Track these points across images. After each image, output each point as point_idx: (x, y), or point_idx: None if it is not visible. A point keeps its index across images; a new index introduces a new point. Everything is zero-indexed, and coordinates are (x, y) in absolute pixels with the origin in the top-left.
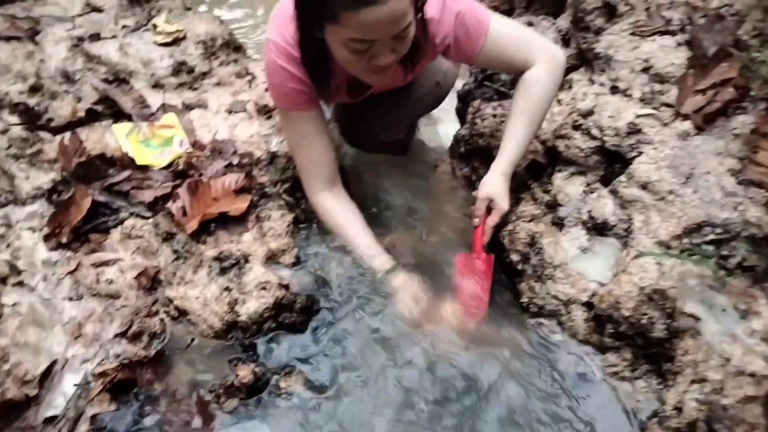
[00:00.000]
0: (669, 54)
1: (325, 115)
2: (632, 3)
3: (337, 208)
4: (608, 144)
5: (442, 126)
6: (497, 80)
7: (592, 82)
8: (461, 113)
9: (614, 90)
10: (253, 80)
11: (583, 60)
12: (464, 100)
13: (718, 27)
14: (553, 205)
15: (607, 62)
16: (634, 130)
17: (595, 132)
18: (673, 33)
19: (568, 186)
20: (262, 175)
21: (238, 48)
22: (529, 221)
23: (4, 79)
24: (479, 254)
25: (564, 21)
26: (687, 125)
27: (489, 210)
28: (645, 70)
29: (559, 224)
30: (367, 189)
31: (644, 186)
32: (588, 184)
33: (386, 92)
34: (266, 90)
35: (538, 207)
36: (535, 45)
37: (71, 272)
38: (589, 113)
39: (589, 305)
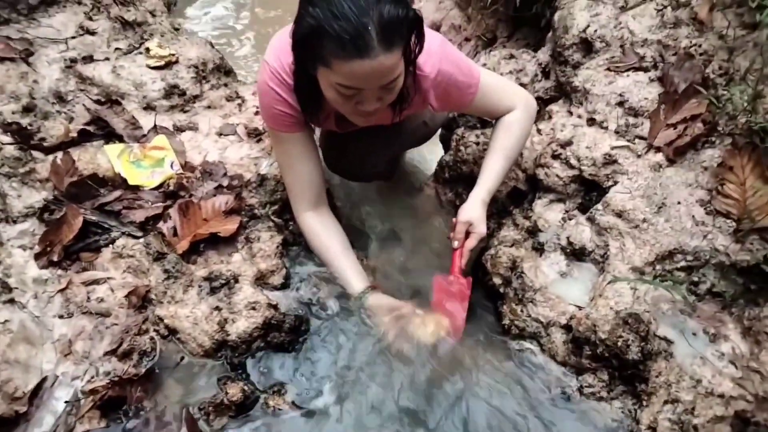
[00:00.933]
0: (642, 89)
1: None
2: (608, 40)
3: (320, 229)
4: (585, 173)
5: (427, 151)
6: None
7: (570, 113)
8: (446, 140)
9: (591, 122)
10: (243, 103)
11: (562, 92)
12: (449, 127)
13: (687, 65)
14: (533, 231)
15: (585, 95)
16: (609, 160)
17: (573, 162)
18: (646, 69)
19: (547, 213)
20: (252, 197)
21: (229, 72)
22: (511, 246)
23: None
24: (457, 276)
25: (543, 54)
26: (659, 157)
27: (467, 234)
28: (620, 103)
29: (539, 249)
30: (352, 210)
31: (619, 214)
32: (566, 211)
33: (373, 127)
34: (256, 113)
35: (519, 232)
36: (515, 94)
37: (62, 290)
38: (567, 143)
39: (567, 328)
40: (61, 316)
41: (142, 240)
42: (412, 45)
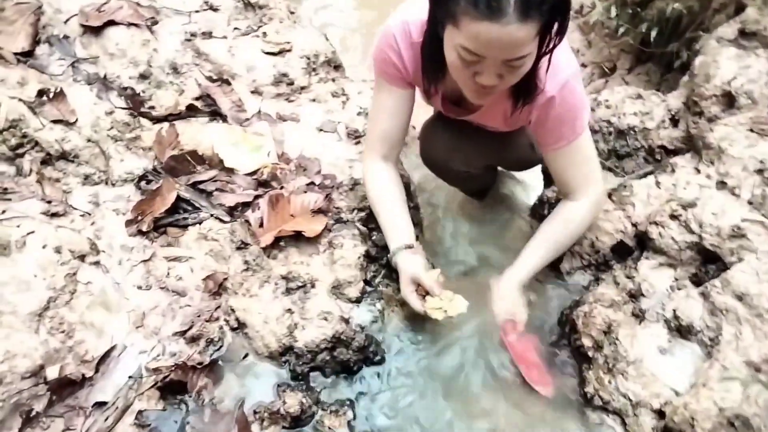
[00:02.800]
0: None
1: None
2: (755, 97)
3: (380, 178)
4: (706, 242)
5: (525, 181)
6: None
7: (697, 171)
8: (547, 171)
9: (721, 185)
10: (347, 101)
11: (691, 146)
12: None
13: None
14: (635, 295)
15: (718, 155)
16: (737, 233)
17: (694, 226)
18: None
19: (654, 277)
20: (341, 200)
21: (338, 66)
22: (608, 307)
23: (119, 62)
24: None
25: (675, 100)
26: None
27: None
28: (759, 171)
29: (639, 316)
30: (442, 230)
31: (740, 297)
32: (676, 279)
33: (478, 127)
34: (359, 113)
35: (619, 293)
36: (594, 182)
37: (145, 261)
38: (690, 205)
39: (659, 413)
40: (139, 287)
41: (228, 225)
42: (552, 32)
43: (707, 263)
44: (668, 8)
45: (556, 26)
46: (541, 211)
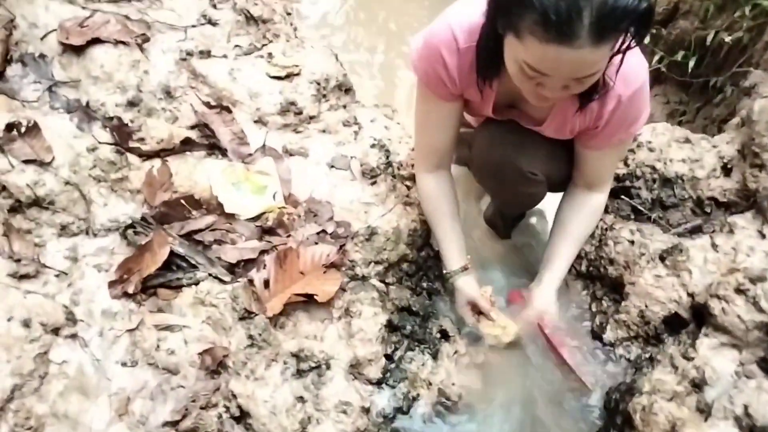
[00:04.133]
0: None
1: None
2: None
3: (435, 192)
4: None
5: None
6: (636, 195)
7: (762, 236)
8: None
9: None
10: (359, 131)
11: (750, 202)
12: None
13: None
14: (698, 384)
15: None
16: None
17: (764, 305)
18: None
19: (716, 359)
20: (356, 251)
21: (349, 90)
22: (670, 400)
23: (104, 87)
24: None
25: (728, 147)
26: None
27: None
28: None
29: (704, 411)
30: None
31: None
32: (742, 364)
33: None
34: (372, 146)
35: (680, 381)
36: (610, 179)
37: (131, 330)
38: (760, 279)
39: None
40: (124, 364)
41: (229, 288)
42: (630, 34)
43: None
44: (710, 37)
45: (633, 31)
46: (576, 266)
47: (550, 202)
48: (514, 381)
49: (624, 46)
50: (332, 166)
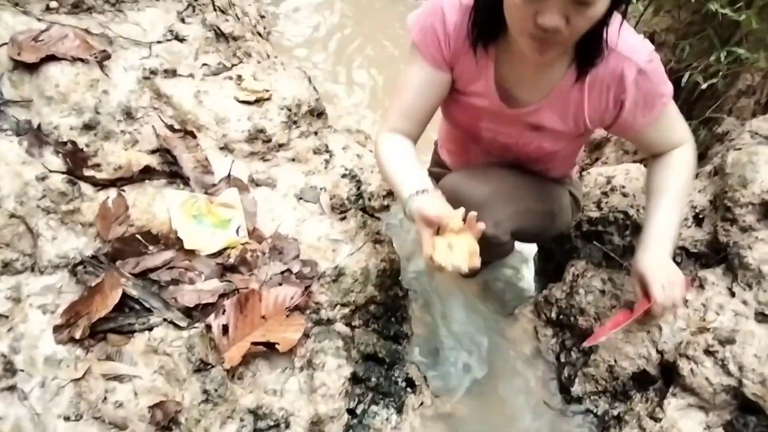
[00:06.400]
0: None
1: None
2: None
3: (396, 143)
4: (747, 390)
5: (518, 262)
6: (608, 241)
7: (731, 293)
8: (548, 257)
9: (761, 318)
10: (330, 159)
11: (720, 257)
12: (559, 244)
13: None
14: None
15: (758, 279)
16: None
17: (732, 368)
18: None
19: (683, 422)
20: (322, 293)
21: (321, 114)
22: None
23: (59, 108)
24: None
25: (700, 196)
26: None
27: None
28: None
29: None
30: (433, 323)
31: None
32: (708, 427)
33: (515, 167)
34: (343, 176)
35: None
36: (684, 123)
37: (76, 380)
38: (728, 341)
39: None
40: (67, 418)
41: (185, 335)
42: None
43: (744, 413)
44: (684, 78)
45: None
46: (547, 312)
47: None
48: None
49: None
50: (300, 198)
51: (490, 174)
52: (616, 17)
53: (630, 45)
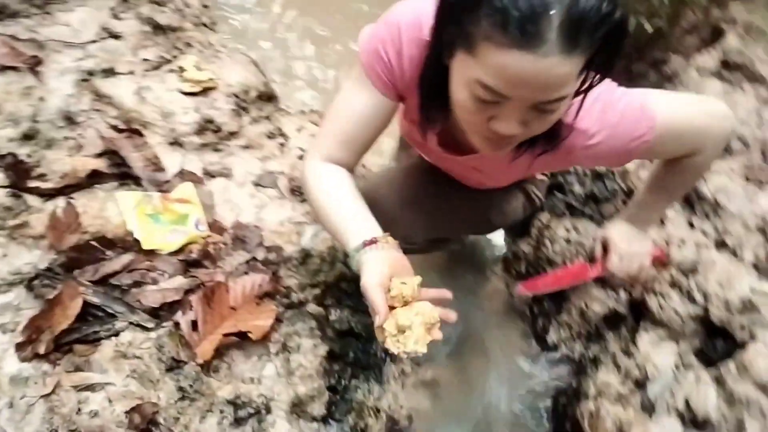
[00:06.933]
0: None
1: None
2: (747, 141)
3: (332, 176)
4: (714, 316)
5: None
6: (570, 191)
7: (692, 226)
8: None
9: (721, 246)
10: (286, 142)
11: None
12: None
13: None
14: (641, 382)
15: (714, 209)
16: (748, 307)
17: (698, 297)
18: None
19: (657, 354)
20: (290, 276)
21: (271, 98)
22: (615, 402)
23: None
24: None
25: None
26: None
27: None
28: (761, 229)
29: (648, 409)
30: None
31: (763, 388)
32: (680, 355)
33: (466, 188)
34: (300, 157)
35: (623, 381)
36: (709, 133)
37: (46, 396)
38: (691, 271)
39: None
40: None
41: (153, 335)
42: (601, 61)
43: (713, 337)
44: (632, 22)
45: (606, 52)
46: (517, 266)
47: None
48: (462, 394)
49: (595, 79)
50: (258, 185)
51: (415, 178)
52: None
53: (583, 128)
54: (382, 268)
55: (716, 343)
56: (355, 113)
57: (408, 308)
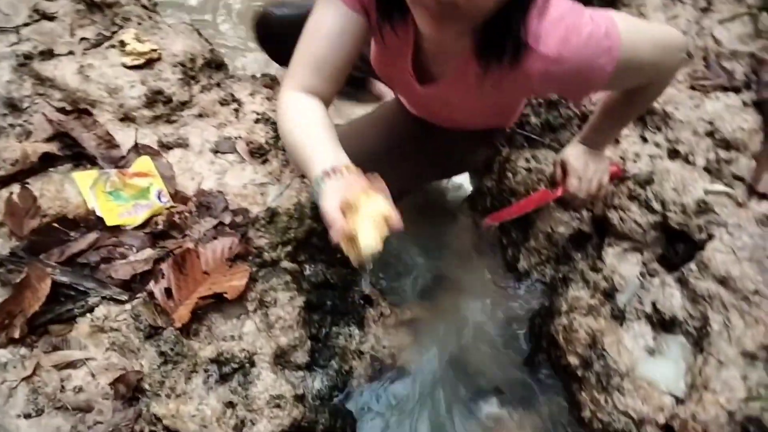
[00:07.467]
0: (735, 116)
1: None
2: (689, 51)
3: (304, 106)
4: (672, 222)
5: None
6: (526, 123)
7: (644, 140)
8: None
9: (674, 154)
10: (240, 108)
11: None
12: None
13: None
14: (610, 293)
15: (664, 120)
16: (704, 209)
17: (656, 206)
18: (737, 90)
19: (622, 266)
20: (260, 237)
21: (220, 66)
22: (587, 314)
23: None
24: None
25: None
26: (766, 207)
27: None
28: (710, 134)
29: (619, 317)
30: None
31: (722, 281)
32: (644, 264)
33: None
34: (256, 121)
35: (593, 294)
36: (665, 65)
37: (27, 378)
38: (648, 182)
39: (668, 429)
40: (27, 416)
41: (128, 307)
42: None
43: (673, 242)
44: None
45: None
46: (482, 203)
47: None
48: (441, 328)
49: None
50: (216, 152)
51: (380, 129)
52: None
53: (544, 51)
54: (340, 194)
55: (677, 247)
56: (321, 33)
57: (357, 211)
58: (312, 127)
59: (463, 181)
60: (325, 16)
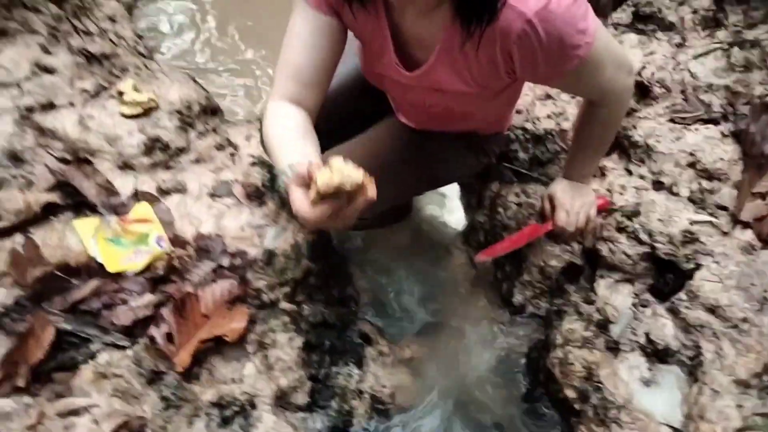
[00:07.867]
0: (715, 147)
1: None
2: (667, 85)
3: (285, 116)
4: (660, 252)
5: (446, 210)
6: (515, 158)
7: (629, 172)
8: (468, 189)
9: (658, 186)
10: (236, 152)
11: (614, 144)
12: (477, 176)
13: (766, 119)
14: (603, 325)
15: (647, 153)
16: (690, 238)
17: (643, 237)
18: (715, 122)
19: (614, 297)
20: (259, 278)
21: (215, 111)
22: (582, 347)
23: None
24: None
25: None
26: (749, 235)
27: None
28: (691, 164)
29: (613, 349)
30: (375, 279)
31: (712, 310)
32: (636, 295)
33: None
34: (252, 164)
35: (587, 326)
36: (616, 83)
37: (32, 427)
38: (635, 214)
39: None
40: None
41: (130, 353)
42: None
43: (662, 271)
44: None
45: None
46: (476, 238)
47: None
48: (440, 366)
49: None
50: (214, 195)
51: (367, 148)
52: None
53: (521, 8)
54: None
55: (667, 277)
56: (295, 40)
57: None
58: (287, 131)
59: (455, 209)
60: (296, 25)
